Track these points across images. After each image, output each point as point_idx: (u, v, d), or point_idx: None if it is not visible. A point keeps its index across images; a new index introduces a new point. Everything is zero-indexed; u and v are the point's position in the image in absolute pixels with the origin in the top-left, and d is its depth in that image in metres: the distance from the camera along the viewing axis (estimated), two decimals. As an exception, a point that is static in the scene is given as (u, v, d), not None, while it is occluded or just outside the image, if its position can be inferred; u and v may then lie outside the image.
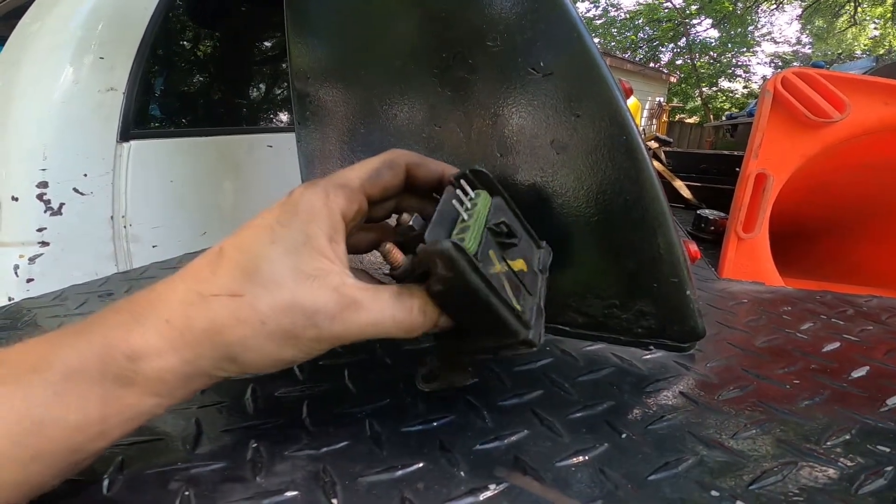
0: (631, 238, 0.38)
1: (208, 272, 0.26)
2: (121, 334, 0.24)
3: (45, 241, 0.95)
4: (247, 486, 0.26)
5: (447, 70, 0.42)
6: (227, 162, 1.28)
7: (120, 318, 0.25)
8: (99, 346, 0.24)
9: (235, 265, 0.26)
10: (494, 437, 0.30)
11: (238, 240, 0.27)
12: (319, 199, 0.27)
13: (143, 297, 0.26)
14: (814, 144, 0.70)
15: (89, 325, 0.25)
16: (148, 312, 0.25)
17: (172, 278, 0.26)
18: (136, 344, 0.24)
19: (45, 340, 0.24)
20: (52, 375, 0.23)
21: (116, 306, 0.25)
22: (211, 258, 0.27)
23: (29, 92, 0.97)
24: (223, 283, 0.25)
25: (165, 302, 0.25)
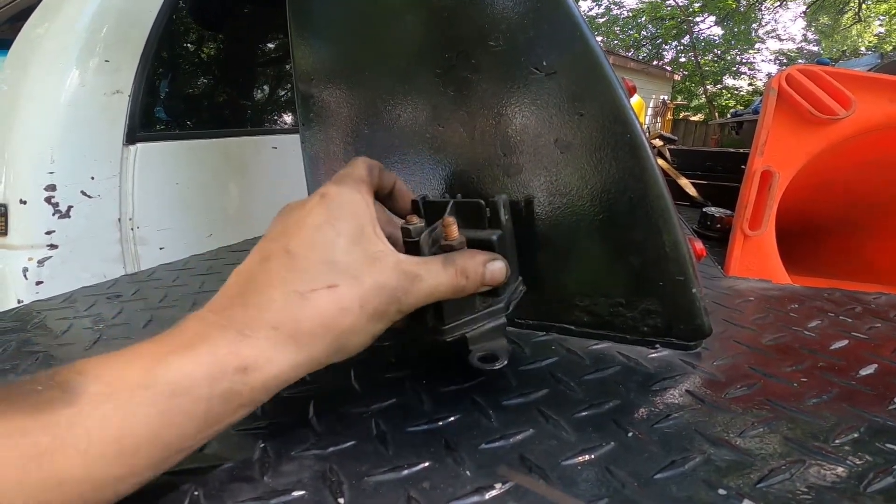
0: (636, 236, 0.38)
1: (296, 273, 0.27)
2: (229, 348, 0.24)
3: (54, 244, 0.96)
4: (255, 486, 0.26)
5: (450, 70, 0.42)
6: (232, 164, 1.29)
7: (224, 334, 0.25)
8: (207, 363, 0.24)
9: (317, 260, 0.27)
10: (500, 436, 0.30)
11: (301, 239, 0.28)
12: (357, 194, 0.30)
13: (238, 312, 0.26)
14: (819, 141, 0.70)
15: (190, 342, 0.24)
16: (252, 324, 0.25)
17: (252, 286, 0.27)
18: (248, 356, 0.25)
19: (142, 355, 0.24)
20: (158, 394, 0.22)
21: (210, 321, 0.26)
22: (283, 261, 0.27)
23: (36, 95, 0.98)
24: (315, 278, 0.27)
25: (267, 310, 0.26)
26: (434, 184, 0.45)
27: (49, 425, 0.20)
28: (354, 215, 0.29)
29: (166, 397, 0.22)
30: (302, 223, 0.29)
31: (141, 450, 0.22)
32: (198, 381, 0.23)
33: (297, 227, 0.29)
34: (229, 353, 0.24)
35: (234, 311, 0.26)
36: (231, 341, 0.25)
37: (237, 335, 0.25)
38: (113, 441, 0.21)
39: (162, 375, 0.23)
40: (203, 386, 0.23)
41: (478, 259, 0.32)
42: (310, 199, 0.30)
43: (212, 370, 0.24)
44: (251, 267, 0.28)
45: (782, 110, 0.69)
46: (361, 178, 0.32)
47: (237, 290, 0.27)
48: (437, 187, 0.45)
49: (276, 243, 0.28)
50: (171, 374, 0.23)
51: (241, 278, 0.28)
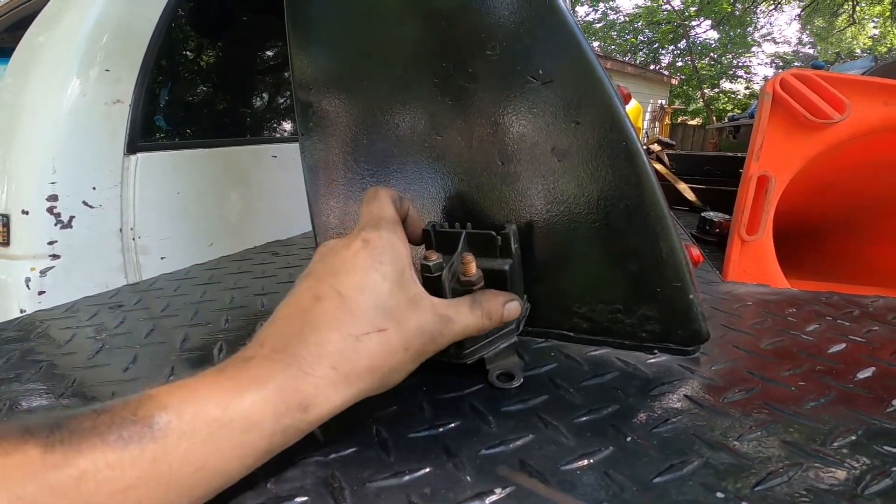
0: (633, 243, 0.38)
1: (348, 315, 0.29)
2: (293, 385, 0.26)
3: (56, 254, 0.96)
4: (259, 492, 0.26)
5: (448, 79, 0.42)
6: (232, 173, 1.29)
7: (288, 372, 0.26)
8: (274, 400, 0.25)
9: (367, 304, 0.29)
10: (500, 441, 0.30)
11: (352, 282, 0.30)
12: (395, 238, 0.33)
13: (300, 349, 0.27)
14: (815, 145, 0.70)
15: (258, 377, 0.26)
16: (313, 362, 0.27)
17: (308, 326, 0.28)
18: (310, 394, 0.26)
19: (217, 390, 0.25)
20: (233, 431, 0.24)
21: (273, 359, 0.27)
22: (336, 302, 0.29)
23: (37, 104, 0.98)
24: (367, 322, 0.29)
25: (325, 350, 0.27)
26: (433, 192, 0.46)
27: (136, 461, 0.21)
28: (396, 259, 0.31)
29: (239, 433, 0.24)
30: (350, 266, 0.30)
31: (213, 479, 0.24)
32: (266, 417, 0.25)
33: (346, 270, 0.30)
34: (293, 391, 0.26)
35: (296, 349, 0.27)
36: (295, 379, 0.26)
37: (299, 373, 0.26)
38: (191, 474, 0.23)
39: (236, 412, 0.24)
40: (269, 422, 0.25)
41: (499, 300, 0.35)
42: (353, 241, 0.32)
43: (277, 407, 0.25)
44: (304, 305, 0.29)
45: (777, 115, 0.70)
46: (394, 219, 0.34)
47: (295, 329, 0.28)
48: (435, 196, 0.46)
49: (326, 284, 0.30)
50: (244, 411, 0.24)
51: (296, 315, 0.29)
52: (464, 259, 0.36)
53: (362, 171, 0.49)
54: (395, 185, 0.47)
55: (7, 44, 1.65)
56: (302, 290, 0.31)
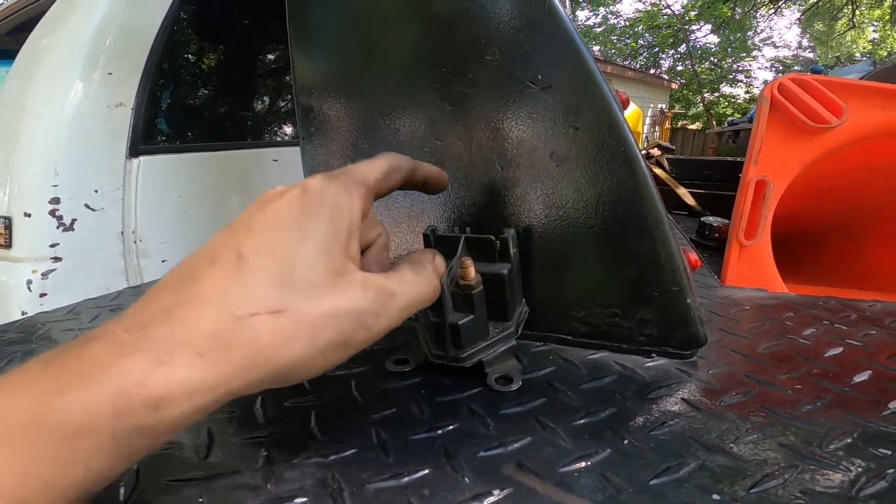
0: (631, 248, 0.39)
1: (236, 286, 0.23)
2: (137, 378, 0.20)
3: (58, 257, 0.96)
4: (258, 493, 0.27)
5: (447, 84, 0.43)
6: (233, 176, 1.30)
7: (135, 361, 0.21)
8: (110, 398, 0.20)
9: (266, 274, 0.23)
10: (498, 443, 0.30)
11: (260, 241, 0.24)
12: (343, 195, 0.26)
13: (160, 330, 0.22)
14: (813, 150, 0.71)
15: (93, 368, 0.20)
16: (173, 347, 0.21)
17: (187, 297, 0.23)
18: (160, 389, 0.21)
19: (35, 386, 0.20)
20: (56, 436, 0.19)
21: (121, 341, 0.21)
22: (230, 266, 0.23)
23: (40, 107, 0.99)
24: (259, 298, 0.23)
25: (193, 330, 0.22)
26: (433, 197, 0.46)
27: None
28: (333, 219, 0.25)
29: (68, 439, 0.19)
30: (270, 219, 0.25)
31: (51, 490, 0.19)
32: (100, 418, 0.20)
33: (261, 224, 0.25)
34: (137, 386, 0.20)
35: (156, 329, 0.22)
36: (142, 370, 0.20)
37: (152, 362, 0.21)
38: (16, 486, 0.19)
39: (59, 414, 0.19)
40: (107, 424, 0.20)
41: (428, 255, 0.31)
42: (291, 189, 0.26)
43: (116, 406, 0.20)
44: (192, 267, 0.24)
45: (775, 120, 0.70)
46: (365, 180, 0.28)
47: (167, 301, 0.23)
48: (434, 200, 0.46)
49: (229, 241, 0.24)
50: (70, 413, 0.19)
51: (179, 283, 0.24)
52: (463, 263, 0.36)
53: (363, 175, 0.49)
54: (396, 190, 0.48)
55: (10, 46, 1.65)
56: (204, 248, 0.25)
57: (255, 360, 0.22)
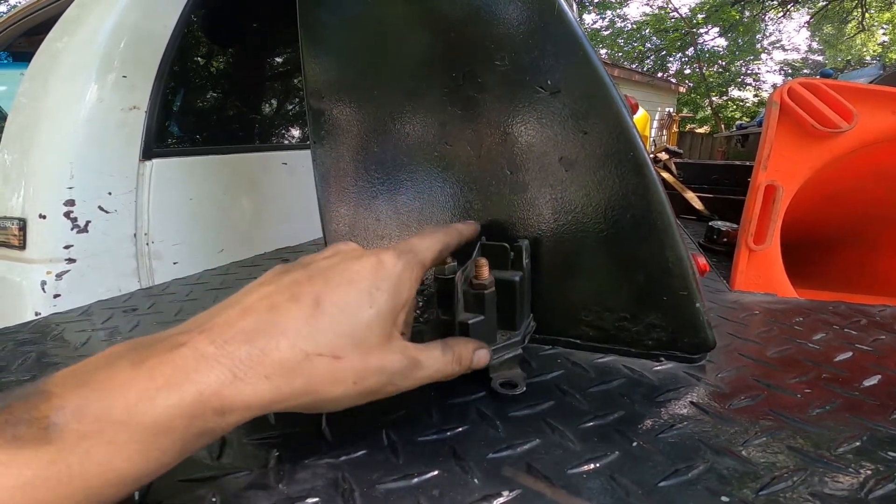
0: (640, 252, 0.39)
1: (311, 329, 0.27)
2: (214, 389, 0.24)
3: (72, 258, 0.97)
4: (270, 493, 0.27)
5: (457, 89, 0.43)
6: (243, 179, 1.30)
7: (216, 374, 0.24)
8: (191, 403, 0.23)
9: (336, 324, 0.27)
10: (507, 445, 0.31)
11: (336, 296, 0.28)
12: (407, 273, 0.31)
13: (240, 350, 0.25)
14: (823, 155, 0.70)
15: (177, 378, 0.23)
16: (249, 367, 0.25)
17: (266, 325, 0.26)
18: (232, 400, 0.24)
19: (126, 387, 0.23)
20: (141, 433, 0.22)
21: (206, 353, 0.24)
22: (308, 311, 0.27)
23: (56, 110, 0.99)
24: (326, 343, 0.27)
25: (268, 357, 0.25)
26: (441, 201, 0.46)
27: (30, 461, 0.20)
28: (395, 295, 0.30)
29: (149, 436, 0.22)
30: (347, 278, 0.29)
31: (123, 481, 0.22)
32: (178, 419, 0.23)
33: (339, 281, 0.29)
34: (214, 396, 0.24)
35: (236, 347, 0.25)
36: (221, 383, 0.24)
37: (229, 377, 0.24)
38: (95, 475, 0.21)
39: (146, 414, 0.22)
40: (182, 424, 0.23)
41: (469, 347, 0.34)
42: (366, 257, 0.30)
43: (194, 411, 0.23)
44: (275, 300, 0.27)
45: (785, 124, 0.70)
46: (423, 261, 0.33)
47: (249, 324, 0.26)
48: (444, 204, 0.46)
49: (309, 287, 0.28)
50: (156, 413, 0.22)
51: (260, 310, 0.27)
52: (478, 262, 0.37)
53: (372, 179, 0.50)
54: (405, 193, 0.48)
55: (25, 48, 1.68)
56: (284, 282, 0.29)
57: (305, 390, 0.26)
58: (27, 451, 0.20)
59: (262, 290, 0.28)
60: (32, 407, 0.21)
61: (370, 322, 0.28)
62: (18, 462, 0.20)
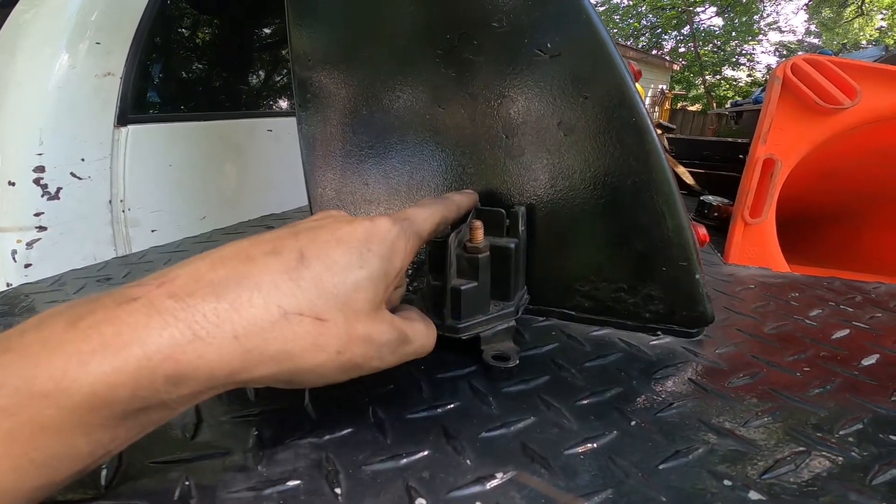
0: (640, 221, 0.37)
1: (291, 284, 0.23)
2: (168, 351, 0.20)
3: (43, 226, 0.94)
4: (248, 475, 0.25)
5: (452, 51, 0.41)
6: (226, 146, 1.28)
7: (171, 331, 0.20)
8: (135, 368, 0.19)
9: (321, 282, 0.24)
10: (501, 423, 0.29)
11: (323, 252, 0.25)
12: (402, 241, 0.28)
13: (206, 305, 0.21)
14: (823, 131, 0.69)
15: (125, 335, 0.20)
16: (214, 325, 0.21)
17: (239, 277, 0.23)
18: (190, 365, 0.20)
19: (57, 350, 0.19)
20: (71, 406, 0.19)
21: (163, 307, 0.21)
22: (290, 263, 0.24)
23: (24, 78, 0.97)
24: (309, 301, 0.23)
25: (238, 314, 0.22)
26: (434, 165, 0.44)
27: None
28: (388, 259, 0.27)
29: (80, 412, 0.19)
30: (334, 237, 0.26)
31: (51, 462, 0.19)
32: (118, 390, 0.19)
33: (326, 238, 0.26)
34: (166, 360, 0.20)
35: (201, 301, 0.21)
36: (176, 343, 0.20)
37: (188, 334, 0.20)
38: (21, 455, 0.18)
39: (76, 385, 0.18)
40: (124, 397, 0.19)
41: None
42: (359, 221, 0.28)
43: (138, 379, 0.19)
44: (252, 252, 0.24)
45: (786, 99, 0.68)
46: (420, 232, 0.30)
47: (219, 275, 0.23)
48: (437, 169, 0.44)
49: (294, 241, 0.25)
50: (88, 384, 0.19)
51: (234, 261, 0.24)
52: (472, 224, 0.35)
53: (361, 143, 0.47)
54: (395, 157, 0.46)
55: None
56: (265, 237, 0.26)
57: (282, 357, 0.22)
58: None
59: (238, 244, 0.25)
60: None
61: (359, 284, 0.25)
62: None
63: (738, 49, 15.64)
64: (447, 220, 0.34)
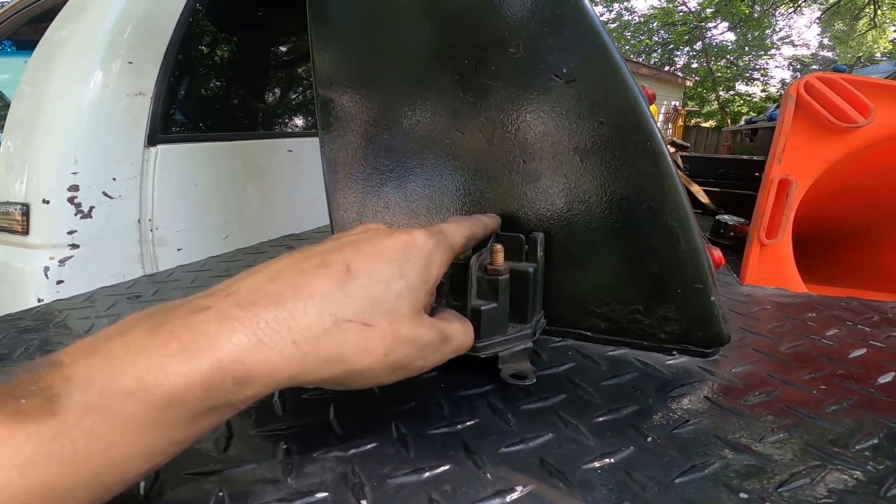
0: (654, 244, 0.38)
1: (340, 294, 0.26)
2: (237, 355, 0.22)
3: (76, 244, 0.97)
4: (279, 487, 0.26)
5: (469, 76, 0.42)
6: (248, 166, 1.30)
7: (239, 337, 0.22)
8: (208, 370, 0.21)
9: (366, 291, 0.27)
10: (519, 439, 0.30)
11: (367, 264, 0.27)
12: (438, 253, 0.31)
13: (266, 312, 0.23)
14: (838, 149, 0.69)
15: (194, 339, 0.22)
16: (275, 332, 0.23)
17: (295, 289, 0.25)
18: (255, 368, 0.22)
19: (138, 354, 0.21)
20: (150, 405, 0.20)
21: (231, 315, 0.23)
22: (338, 275, 0.26)
23: (60, 96, 0.99)
24: (357, 309, 0.26)
25: (295, 321, 0.24)
26: (452, 189, 0.46)
27: (30, 436, 0.18)
28: (425, 271, 0.29)
29: (159, 408, 0.20)
30: (378, 250, 0.28)
31: (130, 461, 0.21)
32: (193, 390, 0.21)
33: (369, 251, 0.28)
34: (235, 362, 0.22)
35: (263, 310, 0.24)
36: (244, 347, 0.22)
37: (253, 340, 0.23)
38: (101, 452, 0.20)
39: (157, 384, 0.20)
40: (197, 396, 0.21)
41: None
42: (397, 234, 0.30)
43: (211, 380, 0.21)
44: (304, 266, 0.27)
45: (800, 118, 0.69)
46: (453, 244, 0.33)
47: (277, 287, 0.25)
48: (454, 192, 0.46)
49: (340, 255, 0.27)
50: (168, 384, 0.20)
51: (288, 274, 0.26)
52: (493, 248, 0.36)
53: (381, 167, 0.49)
54: (415, 180, 0.47)
55: (29, 36, 1.67)
56: (314, 251, 0.28)
57: (335, 360, 0.25)
58: (28, 425, 0.18)
59: (290, 257, 0.28)
60: (39, 378, 0.20)
61: (400, 292, 0.28)
62: (17, 438, 0.18)
63: (751, 64, 15.58)
64: (475, 236, 0.37)
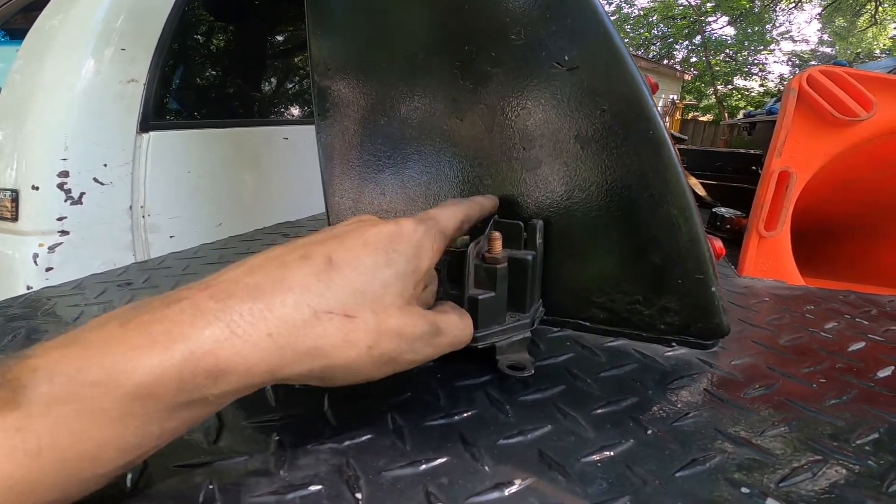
0: (656, 234, 0.37)
1: (321, 285, 0.25)
2: (209, 347, 0.21)
3: (65, 231, 0.96)
4: (271, 480, 0.26)
5: (470, 63, 0.41)
6: (243, 154, 1.30)
7: (213, 330, 0.22)
8: (179, 362, 0.21)
9: (348, 282, 0.26)
10: (517, 431, 0.30)
11: (350, 255, 0.26)
12: (428, 240, 0.30)
13: (243, 305, 0.23)
14: (839, 143, 0.69)
15: (167, 331, 0.21)
16: (249, 324, 0.22)
17: (273, 281, 0.24)
18: (227, 361, 0.22)
19: (109, 345, 0.21)
20: (122, 395, 0.20)
21: (206, 308, 0.22)
22: (319, 266, 0.25)
23: (50, 83, 0.98)
24: (338, 300, 0.25)
25: (271, 312, 0.23)
26: (451, 176, 0.45)
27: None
28: (414, 257, 0.28)
29: (129, 401, 0.20)
30: (361, 240, 0.27)
31: (101, 455, 0.20)
32: (165, 381, 0.20)
33: (353, 242, 0.27)
34: (207, 355, 0.21)
35: (239, 302, 0.23)
36: (216, 339, 0.21)
37: (227, 333, 0.22)
38: (69, 446, 0.19)
39: (125, 375, 0.20)
40: (170, 389, 0.21)
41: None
42: (385, 224, 0.29)
43: (182, 372, 0.21)
44: (286, 258, 0.26)
45: (802, 111, 0.68)
46: (444, 230, 0.31)
47: (255, 280, 0.24)
48: (454, 179, 0.45)
49: (322, 247, 0.27)
50: (136, 376, 0.20)
51: (268, 266, 0.25)
52: (491, 236, 0.36)
53: (378, 153, 0.48)
54: (413, 167, 0.47)
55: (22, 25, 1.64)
56: (298, 244, 0.27)
57: (314, 353, 0.24)
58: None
59: (273, 251, 0.27)
60: (7, 370, 0.19)
61: (386, 282, 0.27)
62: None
63: (750, 59, 15.56)
64: (471, 218, 0.36)
